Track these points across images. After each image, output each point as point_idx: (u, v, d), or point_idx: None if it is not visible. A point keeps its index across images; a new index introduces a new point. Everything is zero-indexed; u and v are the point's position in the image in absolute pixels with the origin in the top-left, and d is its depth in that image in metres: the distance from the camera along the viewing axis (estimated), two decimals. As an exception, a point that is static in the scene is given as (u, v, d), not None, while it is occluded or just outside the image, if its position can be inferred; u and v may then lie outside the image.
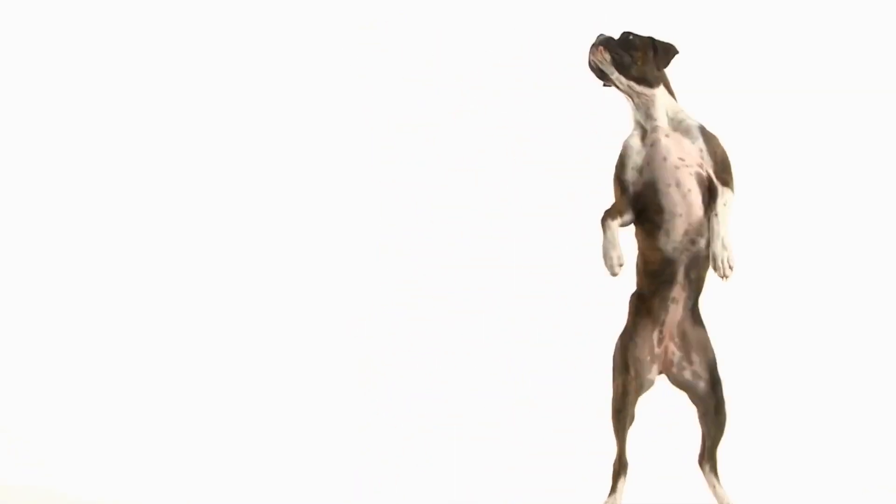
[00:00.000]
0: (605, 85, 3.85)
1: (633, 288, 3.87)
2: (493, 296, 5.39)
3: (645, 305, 3.80)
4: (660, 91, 3.79)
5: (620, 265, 3.69)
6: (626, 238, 3.79)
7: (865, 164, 5.43)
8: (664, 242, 3.73)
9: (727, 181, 3.74)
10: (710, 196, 3.72)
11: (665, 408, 3.94)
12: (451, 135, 5.50)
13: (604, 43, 3.78)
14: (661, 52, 3.78)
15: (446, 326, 5.36)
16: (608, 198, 3.77)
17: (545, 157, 5.42)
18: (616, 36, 3.81)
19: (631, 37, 3.80)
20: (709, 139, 3.76)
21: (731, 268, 3.67)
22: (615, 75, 3.77)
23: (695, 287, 3.78)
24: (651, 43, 3.79)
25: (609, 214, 3.72)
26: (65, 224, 5.47)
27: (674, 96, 3.82)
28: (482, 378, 5.29)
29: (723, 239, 3.67)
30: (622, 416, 3.81)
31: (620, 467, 3.80)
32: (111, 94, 5.51)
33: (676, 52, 3.81)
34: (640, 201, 3.73)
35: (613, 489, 3.79)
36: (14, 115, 5.50)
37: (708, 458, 3.82)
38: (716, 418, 3.81)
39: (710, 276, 3.75)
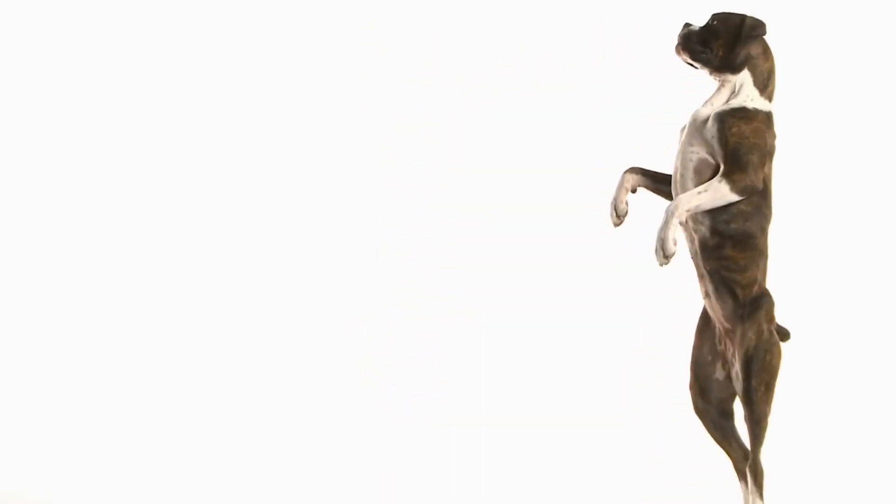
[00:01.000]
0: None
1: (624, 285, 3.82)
2: (494, 296, 5.39)
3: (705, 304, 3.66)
4: (740, 76, 3.60)
5: (619, 216, 3.62)
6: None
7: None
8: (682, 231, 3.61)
9: (728, 171, 3.50)
10: None
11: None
12: (451, 135, 5.50)
13: (682, 42, 3.62)
14: (746, 31, 3.59)
15: (446, 326, 5.36)
16: (609, 197, 3.72)
17: (545, 157, 5.42)
18: (701, 22, 3.63)
19: (715, 22, 3.62)
20: (725, 125, 3.55)
21: (665, 257, 3.47)
22: (702, 69, 3.62)
23: (719, 279, 3.57)
24: (739, 24, 3.59)
25: (631, 168, 3.66)
26: (64, 225, 5.47)
27: (763, 77, 3.60)
28: (482, 378, 5.29)
29: (664, 226, 3.48)
30: (700, 418, 3.64)
31: (735, 472, 3.64)
32: (112, 95, 5.50)
33: (761, 33, 3.61)
34: None
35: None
36: (14, 115, 5.50)
37: (750, 466, 3.56)
38: (750, 425, 3.53)
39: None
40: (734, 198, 3.51)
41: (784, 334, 3.63)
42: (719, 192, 3.51)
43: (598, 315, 5.20)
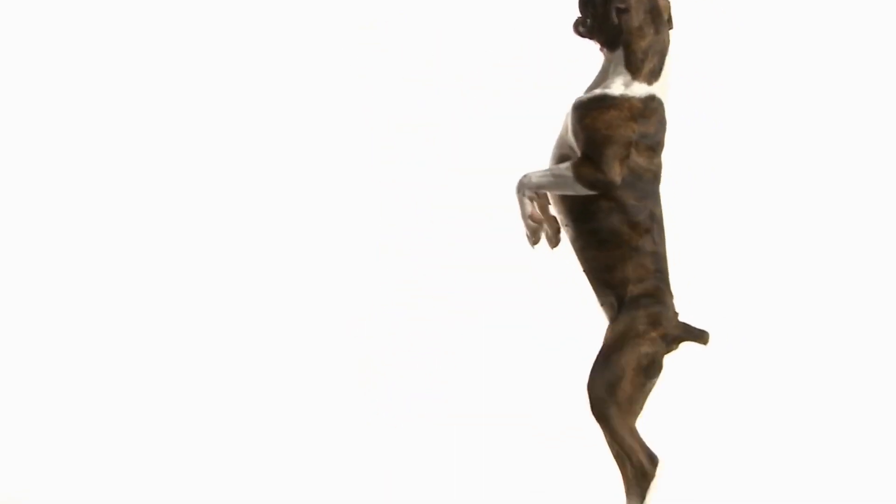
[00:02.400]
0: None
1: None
2: (494, 296, 5.39)
3: None
4: (616, 54, 3.30)
5: (535, 237, 3.44)
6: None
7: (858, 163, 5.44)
8: None
9: (578, 162, 3.25)
10: None
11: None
12: (451, 135, 5.51)
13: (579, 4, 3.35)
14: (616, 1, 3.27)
15: (446, 326, 5.37)
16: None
17: (545, 157, 5.41)
18: None
19: None
20: (577, 116, 3.30)
21: (529, 236, 3.33)
22: (585, 35, 3.36)
23: (594, 281, 3.38)
24: None
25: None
26: (61, 225, 5.47)
27: (638, 57, 3.27)
28: (482, 378, 5.29)
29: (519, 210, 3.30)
30: None
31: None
32: (111, 95, 5.51)
33: (630, 5, 3.27)
34: None
35: None
36: (14, 115, 5.50)
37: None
38: (603, 430, 3.38)
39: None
40: (581, 189, 3.29)
41: (698, 336, 3.40)
42: (563, 178, 3.31)
43: (598, 315, 5.19)
